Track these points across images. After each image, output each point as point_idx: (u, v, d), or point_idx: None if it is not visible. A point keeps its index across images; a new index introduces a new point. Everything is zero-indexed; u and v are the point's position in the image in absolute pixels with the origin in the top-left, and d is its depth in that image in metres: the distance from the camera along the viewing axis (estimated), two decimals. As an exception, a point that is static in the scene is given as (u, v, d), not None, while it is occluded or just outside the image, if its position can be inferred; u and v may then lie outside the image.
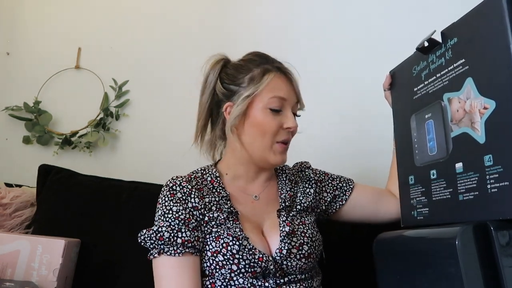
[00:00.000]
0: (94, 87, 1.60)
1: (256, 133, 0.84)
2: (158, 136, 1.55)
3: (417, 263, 0.70)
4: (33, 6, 1.70)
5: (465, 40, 0.69)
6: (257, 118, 0.84)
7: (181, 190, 0.82)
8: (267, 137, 0.84)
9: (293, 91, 0.87)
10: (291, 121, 0.84)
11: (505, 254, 0.57)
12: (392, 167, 1.00)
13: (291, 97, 0.86)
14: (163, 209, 0.80)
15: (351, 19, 1.49)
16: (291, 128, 0.85)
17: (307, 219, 0.87)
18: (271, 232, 0.83)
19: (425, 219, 0.77)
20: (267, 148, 0.84)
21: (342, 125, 1.45)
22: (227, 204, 0.83)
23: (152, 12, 1.65)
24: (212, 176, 0.89)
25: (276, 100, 0.84)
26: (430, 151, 0.76)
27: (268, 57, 0.90)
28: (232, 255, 0.75)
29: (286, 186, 0.93)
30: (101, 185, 1.18)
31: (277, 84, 0.85)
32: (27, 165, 1.47)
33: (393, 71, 0.93)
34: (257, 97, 0.84)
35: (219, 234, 0.78)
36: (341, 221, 0.98)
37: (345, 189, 0.96)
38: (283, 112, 0.85)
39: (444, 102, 0.73)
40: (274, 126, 0.84)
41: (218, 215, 0.81)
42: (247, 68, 0.87)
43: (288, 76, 0.87)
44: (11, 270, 0.94)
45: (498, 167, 0.60)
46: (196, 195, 0.82)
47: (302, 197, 0.91)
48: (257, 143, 0.84)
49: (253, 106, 0.84)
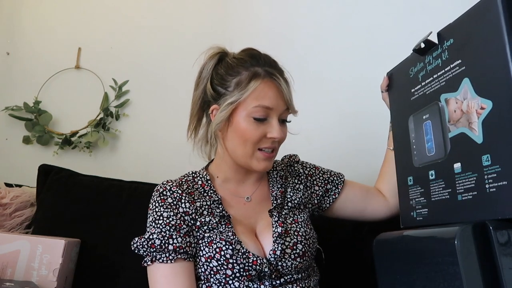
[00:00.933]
0: (94, 87, 1.60)
1: (238, 141, 0.81)
2: (158, 136, 1.55)
3: (417, 263, 0.70)
4: (33, 6, 1.70)
5: (461, 41, 0.69)
6: (240, 126, 0.80)
7: (172, 195, 0.81)
8: (248, 145, 0.80)
9: (281, 98, 0.81)
10: (275, 130, 0.80)
11: (504, 253, 0.57)
12: (383, 166, 0.99)
13: (278, 105, 0.81)
14: (153, 215, 0.79)
15: (351, 20, 1.49)
16: (275, 138, 0.81)
17: (300, 217, 0.87)
18: (264, 233, 0.83)
19: (424, 220, 0.77)
20: (248, 156, 0.81)
21: (341, 126, 1.45)
22: (219, 208, 0.83)
23: (152, 12, 1.65)
24: (203, 180, 0.87)
25: (260, 109, 0.79)
26: (428, 152, 0.76)
27: (260, 57, 0.83)
28: (226, 260, 0.75)
29: (277, 183, 0.91)
30: (101, 185, 1.18)
31: (262, 92, 0.79)
32: (27, 165, 1.48)
33: (390, 72, 0.93)
34: (241, 104, 0.80)
35: (211, 239, 0.77)
36: (333, 217, 0.98)
37: (337, 182, 0.95)
38: (268, 121, 0.81)
39: (441, 103, 0.73)
40: (257, 136, 0.80)
41: (210, 219, 0.80)
42: (236, 70, 0.82)
43: (277, 82, 0.81)
44: (11, 270, 0.94)
45: (496, 166, 0.60)
46: (187, 199, 0.81)
47: (292, 193, 0.90)
48: (239, 150, 0.82)
49: (237, 113, 0.80)
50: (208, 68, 0.86)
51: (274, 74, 0.81)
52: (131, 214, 1.11)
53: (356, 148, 1.41)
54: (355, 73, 1.45)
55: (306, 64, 1.49)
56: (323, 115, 1.45)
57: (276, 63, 0.85)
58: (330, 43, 1.50)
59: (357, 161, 1.39)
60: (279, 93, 0.81)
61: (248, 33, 1.56)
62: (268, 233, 0.82)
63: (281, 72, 0.84)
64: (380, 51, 1.42)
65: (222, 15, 1.61)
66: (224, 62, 0.85)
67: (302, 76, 1.47)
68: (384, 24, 1.46)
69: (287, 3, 1.57)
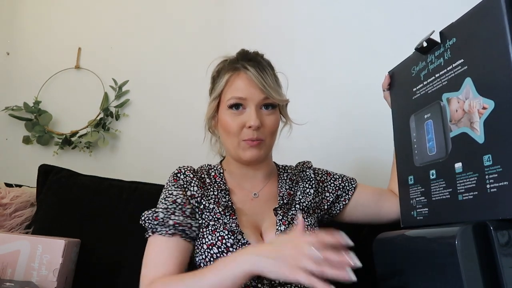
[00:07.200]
0: (94, 87, 1.60)
1: (224, 135, 0.87)
2: (158, 136, 1.55)
3: (417, 263, 0.70)
4: (33, 6, 1.70)
5: (464, 40, 0.69)
6: (222, 120, 0.86)
7: (184, 178, 0.86)
8: (231, 136, 0.85)
9: (255, 87, 0.84)
10: (252, 119, 0.82)
11: (505, 253, 0.57)
12: (393, 167, 1.00)
13: (251, 93, 0.84)
14: (165, 193, 0.85)
15: (351, 19, 1.49)
16: (252, 126, 0.82)
17: (307, 221, 0.87)
18: (268, 232, 0.83)
19: (424, 219, 0.77)
20: (235, 147, 0.86)
21: (341, 125, 1.45)
22: (225, 198, 0.85)
23: (152, 12, 1.65)
24: (216, 172, 0.92)
25: (233, 100, 0.84)
26: (429, 151, 0.76)
27: (243, 54, 0.89)
28: (226, 248, 0.77)
29: (285, 184, 0.93)
30: (101, 185, 1.18)
31: (234, 83, 0.85)
32: (27, 165, 1.48)
33: (392, 71, 0.93)
34: (222, 99, 0.87)
35: (215, 227, 0.80)
36: (344, 223, 0.98)
37: (348, 188, 0.96)
38: (246, 111, 0.84)
39: (443, 102, 0.73)
40: (236, 126, 0.84)
41: (214, 207, 0.83)
42: (222, 71, 0.88)
43: (245, 72, 0.84)
44: (11, 270, 0.94)
45: (497, 166, 0.60)
46: (196, 184, 0.86)
47: (301, 196, 0.91)
48: (227, 143, 0.87)
49: (220, 109, 0.88)
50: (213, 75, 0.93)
51: (245, 66, 0.85)
52: (131, 214, 1.11)
53: (356, 147, 1.41)
54: (355, 73, 1.45)
55: (306, 64, 1.49)
56: (323, 115, 1.44)
57: (255, 57, 0.88)
58: (330, 43, 1.50)
59: (357, 161, 1.39)
60: (250, 82, 0.84)
61: (248, 33, 1.56)
62: (272, 232, 0.83)
63: (259, 63, 0.86)
64: (380, 50, 1.42)
65: (222, 16, 1.61)
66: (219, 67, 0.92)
67: (302, 75, 1.47)
68: (384, 24, 1.45)
69: (287, 4, 1.57)
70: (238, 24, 1.58)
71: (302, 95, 0.92)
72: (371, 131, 1.39)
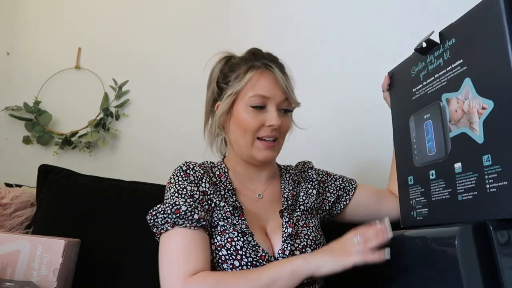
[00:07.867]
0: (94, 87, 1.60)
1: (239, 132, 0.85)
2: (158, 136, 1.55)
3: (417, 263, 0.70)
4: (33, 6, 1.70)
5: (463, 40, 0.69)
6: (239, 117, 0.84)
7: (194, 174, 0.83)
8: (247, 134, 0.83)
9: (278, 88, 0.84)
10: (274, 118, 0.82)
11: (505, 253, 0.57)
12: (392, 168, 1.00)
13: (275, 94, 0.84)
14: (176, 187, 0.80)
15: (352, 19, 1.50)
16: (273, 126, 0.82)
17: (311, 222, 0.87)
18: (274, 233, 0.83)
19: (424, 220, 0.77)
20: (249, 145, 0.84)
21: (341, 124, 1.45)
22: (233, 198, 0.84)
23: (152, 12, 1.65)
24: (221, 171, 0.90)
25: (257, 98, 0.83)
26: (429, 152, 0.76)
27: (259, 53, 0.88)
28: (235, 251, 0.75)
29: (288, 185, 0.93)
30: (101, 185, 1.18)
31: (259, 82, 0.83)
32: (27, 165, 1.47)
33: (392, 72, 0.93)
34: (240, 96, 0.84)
35: (225, 228, 0.78)
36: (344, 223, 0.98)
37: (348, 189, 0.97)
38: (267, 110, 0.84)
39: (443, 103, 0.73)
40: (255, 124, 0.83)
41: (224, 205, 0.81)
42: (237, 66, 0.87)
43: (272, 72, 0.84)
44: (11, 270, 0.94)
45: (496, 166, 0.60)
46: (208, 181, 0.83)
47: (305, 197, 0.91)
48: (240, 141, 0.85)
49: (237, 105, 0.85)
50: (216, 70, 0.91)
51: (270, 65, 0.85)
52: (131, 214, 1.11)
53: (356, 147, 1.41)
54: (355, 73, 1.45)
55: (306, 63, 1.49)
56: (323, 114, 1.44)
57: (276, 58, 0.89)
58: (330, 42, 1.50)
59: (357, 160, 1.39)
60: (275, 83, 0.84)
61: (248, 33, 1.56)
62: (278, 233, 0.83)
63: (280, 66, 0.88)
64: (380, 50, 1.42)
65: (222, 16, 1.61)
66: (228, 63, 0.90)
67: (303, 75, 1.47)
68: (384, 24, 1.46)
69: (287, 2, 1.57)
70: (238, 24, 1.59)
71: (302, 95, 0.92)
72: (371, 131, 1.39)
